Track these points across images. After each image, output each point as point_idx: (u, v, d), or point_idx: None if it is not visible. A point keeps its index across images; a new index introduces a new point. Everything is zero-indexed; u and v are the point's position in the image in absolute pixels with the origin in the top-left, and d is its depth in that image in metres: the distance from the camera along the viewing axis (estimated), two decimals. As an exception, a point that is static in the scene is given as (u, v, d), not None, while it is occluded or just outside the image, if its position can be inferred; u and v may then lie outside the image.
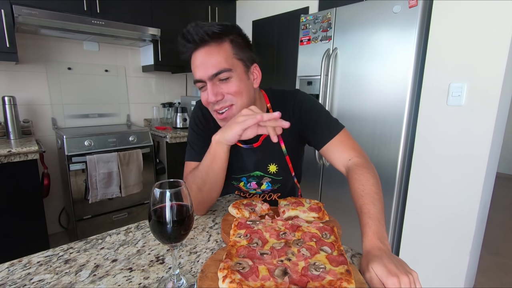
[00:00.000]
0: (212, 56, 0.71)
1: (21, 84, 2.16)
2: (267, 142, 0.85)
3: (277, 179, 0.92)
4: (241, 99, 0.75)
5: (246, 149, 0.88)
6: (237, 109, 0.74)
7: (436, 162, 1.54)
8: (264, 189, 0.93)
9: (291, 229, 0.62)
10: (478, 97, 1.37)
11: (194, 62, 0.73)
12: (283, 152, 0.89)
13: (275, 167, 0.89)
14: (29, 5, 1.79)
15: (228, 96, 0.74)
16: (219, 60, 0.71)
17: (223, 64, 0.71)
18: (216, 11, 2.84)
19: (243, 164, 0.91)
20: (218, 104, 0.75)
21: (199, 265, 0.58)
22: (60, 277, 0.53)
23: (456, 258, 1.50)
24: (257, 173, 0.90)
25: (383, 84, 1.64)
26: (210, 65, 0.71)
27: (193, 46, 0.72)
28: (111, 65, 2.58)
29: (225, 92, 0.74)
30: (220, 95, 0.74)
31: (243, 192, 0.96)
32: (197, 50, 0.72)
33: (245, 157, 0.89)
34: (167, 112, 2.91)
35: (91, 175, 2.01)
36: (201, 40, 0.70)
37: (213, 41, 0.71)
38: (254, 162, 0.89)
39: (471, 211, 1.44)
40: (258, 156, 0.89)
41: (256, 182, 0.92)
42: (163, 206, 0.47)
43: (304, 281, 0.46)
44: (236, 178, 0.93)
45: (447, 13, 1.43)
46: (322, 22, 1.89)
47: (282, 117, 0.66)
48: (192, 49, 0.72)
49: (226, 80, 0.73)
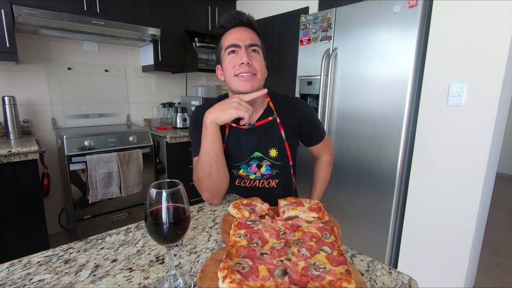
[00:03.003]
0: (251, 33, 0.90)
1: (21, 84, 2.15)
2: (268, 125, 0.97)
3: (276, 163, 0.99)
4: (261, 73, 0.90)
5: (246, 131, 0.97)
6: (258, 81, 0.89)
7: (436, 162, 1.54)
8: (264, 172, 0.99)
9: (291, 229, 0.62)
10: (478, 97, 1.37)
11: (234, 33, 0.89)
12: (283, 138, 0.99)
13: (275, 152, 0.98)
14: (29, 5, 1.79)
15: (254, 65, 0.88)
16: (255, 38, 0.91)
17: (257, 41, 0.91)
18: (216, 11, 2.84)
19: (244, 148, 0.97)
20: (246, 67, 0.87)
21: (199, 265, 0.58)
22: (60, 277, 0.53)
23: (456, 258, 1.50)
24: (258, 154, 0.98)
25: (383, 84, 1.64)
26: (248, 37, 0.89)
27: (238, 23, 0.89)
28: (111, 65, 2.58)
29: (252, 62, 0.88)
30: (250, 61, 0.88)
31: (243, 179, 0.99)
32: (239, 27, 0.90)
33: (246, 139, 0.97)
34: (167, 112, 2.91)
35: (91, 175, 2.01)
36: (247, 20, 0.90)
37: (252, 27, 0.91)
38: (254, 143, 0.97)
39: (471, 211, 1.44)
40: (259, 137, 0.97)
41: (256, 165, 0.98)
42: (159, 206, 0.47)
43: (304, 281, 0.46)
44: (236, 167, 0.99)
45: (447, 13, 1.43)
46: (322, 22, 1.89)
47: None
48: (235, 25, 0.89)
49: (255, 53, 0.89)
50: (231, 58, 0.88)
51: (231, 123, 0.97)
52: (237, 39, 0.87)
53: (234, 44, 0.87)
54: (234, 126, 0.97)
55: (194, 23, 2.71)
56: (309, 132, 1.05)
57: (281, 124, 0.98)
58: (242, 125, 0.95)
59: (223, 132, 0.97)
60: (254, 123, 0.97)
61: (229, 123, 0.97)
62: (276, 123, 0.98)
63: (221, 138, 0.87)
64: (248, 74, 0.87)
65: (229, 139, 0.98)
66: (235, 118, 0.82)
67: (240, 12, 0.89)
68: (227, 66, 0.89)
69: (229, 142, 0.98)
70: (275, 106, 1.00)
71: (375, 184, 1.72)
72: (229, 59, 0.89)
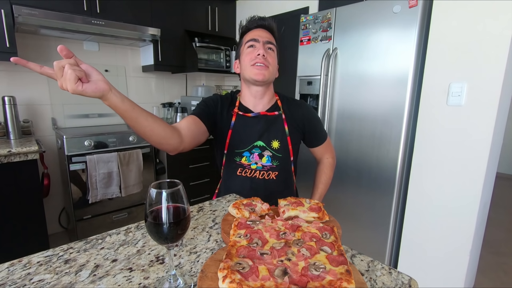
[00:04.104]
0: (269, 35, 1.03)
1: (21, 84, 2.15)
2: (273, 118, 1.06)
3: (277, 155, 1.05)
4: (272, 68, 1.01)
5: (251, 119, 1.05)
6: (269, 73, 1.00)
7: (436, 162, 1.54)
8: (265, 163, 1.05)
9: (291, 229, 0.62)
10: (478, 97, 1.37)
11: (255, 32, 1.02)
12: (286, 133, 1.06)
13: (277, 144, 1.05)
14: (29, 5, 1.79)
15: (268, 59, 0.99)
16: (272, 39, 1.03)
17: (274, 42, 1.03)
18: (216, 11, 2.84)
19: (248, 134, 1.04)
20: (261, 58, 0.98)
21: (199, 265, 0.58)
22: (60, 277, 0.53)
23: (456, 258, 1.50)
24: (260, 143, 1.04)
25: (383, 84, 1.64)
26: (267, 36, 1.01)
27: (260, 25, 1.03)
28: (111, 65, 2.58)
29: (267, 56, 0.99)
30: (266, 54, 0.99)
31: (244, 168, 1.05)
32: (260, 28, 1.03)
33: (250, 127, 1.05)
34: (167, 112, 2.91)
35: (91, 175, 2.01)
36: (268, 24, 1.04)
37: (271, 31, 1.04)
38: (258, 131, 1.04)
39: (471, 211, 1.44)
40: (262, 127, 1.05)
41: (258, 154, 1.04)
42: (159, 206, 0.47)
43: (304, 281, 0.46)
44: (239, 153, 1.05)
45: (447, 13, 1.43)
46: (322, 22, 1.89)
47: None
48: (257, 26, 1.03)
49: (270, 50, 1.01)
50: (249, 51, 1.00)
51: (238, 111, 1.05)
52: (257, 35, 1.00)
53: (254, 39, 1.00)
54: (241, 114, 1.05)
55: (194, 23, 2.71)
56: (311, 133, 1.12)
57: (285, 120, 1.07)
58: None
59: (229, 120, 1.05)
60: (259, 112, 1.05)
61: (236, 111, 1.05)
62: (281, 118, 1.07)
63: (120, 106, 0.73)
64: (262, 64, 0.97)
65: (235, 126, 1.05)
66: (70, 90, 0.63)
67: (263, 17, 1.05)
68: (245, 57, 1.01)
69: (234, 129, 1.05)
70: (282, 104, 1.09)
71: (375, 184, 1.72)
72: (248, 52, 1.00)
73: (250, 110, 1.07)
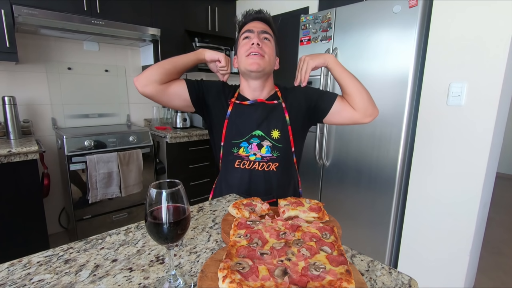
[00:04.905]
0: (265, 26, 1.02)
1: (21, 84, 2.16)
2: (272, 106, 1.02)
3: (277, 145, 1.00)
4: (269, 57, 0.98)
5: (248, 107, 1.01)
6: (265, 62, 0.96)
7: (436, 162, 1.54)
8: (264, 154, 0.99)
9: (291, 229, 0.62)
10: (478, 97, 1.37)
11: (251, 24, 1.01)
12: (287, 122, 1.01)
13: (277, 133, 1.00)
14: (29, 5, 1.79)
15: (264, 48, 0.97)
16: (268, 30, 1.01)
17: (270, 32, 1.01)
18: (216, 11, 2.84)
19: (245, 124, 1.00)
20: (256, 47, 0.95)
21: (199, 265, 0.58)
22: (60, 277, 0.53)
23: (456, 258, 1.50)
24: (259, 132, 1.00)
25: (383, 84, 1.64)
26: (263, 27, 1.00)
27: (256, 18, 1.02)
28: (111, 65, 2.58)
29: (262, 45, 0.97)
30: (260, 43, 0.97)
31: (242, 160, 1.00)
32: (256, 20, 1.02)
33: (247, 116, 1.01)
34: (167, 112, 2.91)
35: (91, 175, 2.01)
36: (263, 16, 1.03)
37: (267, 23, 1.02)
38: (255, 120, 1.00)
39: (471, 211, 1.44)
40: (261, 115, 1.00)
41: (257, 144, 0.99)
42: (159, 206, 0.47)
43: (304, 281, 0.46)
44: (236, 144, 1.00)
45: (447, 13, 1.43)
46: (322, 22, 1.89)
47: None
48: (253, 19, 1.02)
49: (267, 40, 0.99)
50: (244, 42, 0.99)
51: (235, 100, 1.02)
52: (252, 26, 0.99)
53: (248, 30, 0.99)
54: (238, 102, 1.02)
55: (194, 23, 2.71)
56: (317, 100, 1.02)
57: (286, 108, 1.02)
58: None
59: (226, 109, 1.02)
60: (256, 99, 1.02)
61: (233, 100, 1.02)
62: (281, 107, 1.02)
63: (190, 66, 1.05)
64: (256, 53, 0.95)
65: (231, 116, 1.02)
66: (216, 60, 1.04)
67: (260, 10, 1.03)
68: (241, 49, 0.99)
69: (231, 119, 1.01)
70: (282, 93, 1.06)
71: (375, 184, 1.72)
72: (243, 43, 0.99)
73: (248, 99, 1.03)
